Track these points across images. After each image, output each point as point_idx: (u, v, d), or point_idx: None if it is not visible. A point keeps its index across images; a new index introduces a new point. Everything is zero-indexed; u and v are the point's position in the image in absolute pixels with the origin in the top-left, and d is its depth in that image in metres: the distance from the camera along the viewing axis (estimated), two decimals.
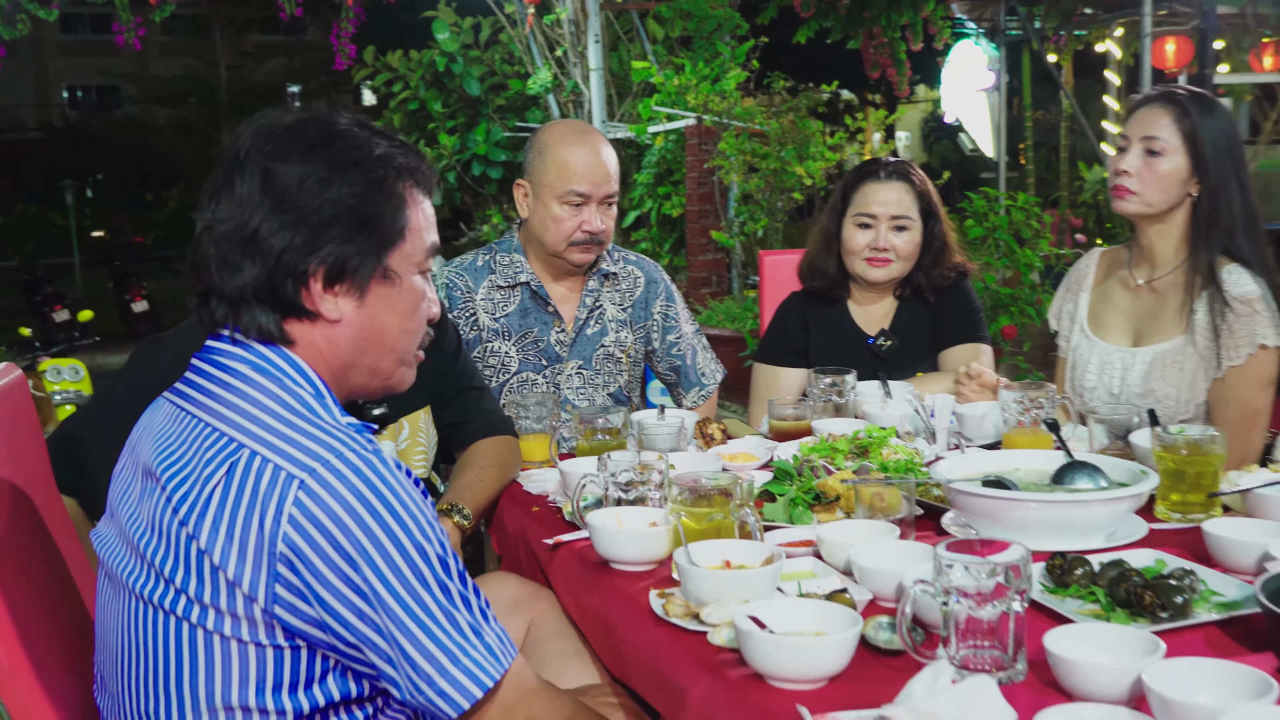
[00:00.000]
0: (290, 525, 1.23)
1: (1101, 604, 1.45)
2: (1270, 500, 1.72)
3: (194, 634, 1.28)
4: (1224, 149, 2.38)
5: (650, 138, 9.17)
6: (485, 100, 11.44)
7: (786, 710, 1.26)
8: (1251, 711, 1.08)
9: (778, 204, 7.24)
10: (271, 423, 1.30)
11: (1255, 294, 2.36)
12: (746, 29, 9.36)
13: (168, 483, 1.30)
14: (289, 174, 1.36)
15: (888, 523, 1.72)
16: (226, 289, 1.38)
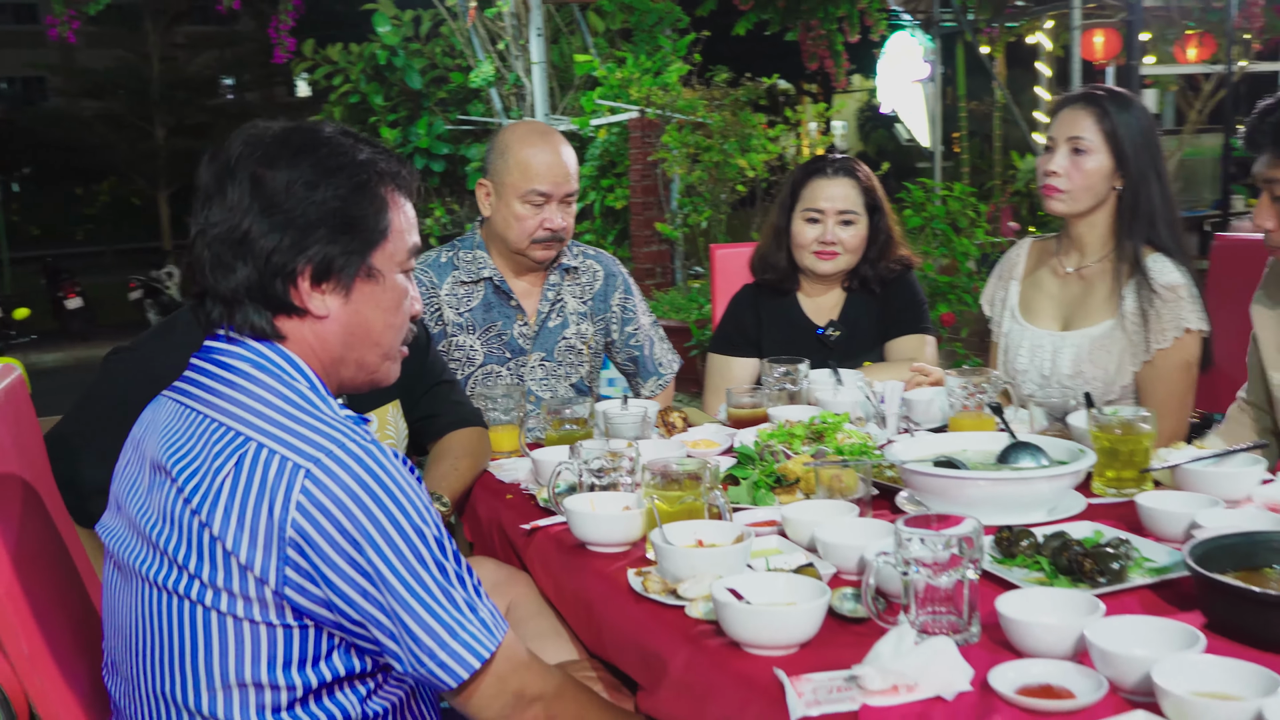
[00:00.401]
0: (298, 512, 1.32)
1: (1046, 572, 1.58)
2: (1196, 475, 1.87)
3: (208, 616, 1.36)
4: (1142, 144, 2.53)
5: (593, 131, 9.25)
6: (427, 93, 11.45)
7: (764, 674, 1.37)
8: (1181, 659, 1.21)
9: (721, 196, 7.37)
10: (275, 416, 1.39)
11: (1180, 281, 2.51)
12: (687, 22, 9.48)
13: (179, 475, 1.38)
14: (277, 179, 1.45)
15: (847, 502, 1.84)
16: (221, 289, 1.46)
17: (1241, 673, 1.19)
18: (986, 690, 1.27)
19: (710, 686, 1.43)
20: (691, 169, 7.31)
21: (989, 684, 1.27)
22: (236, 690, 1.37)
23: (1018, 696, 1.24)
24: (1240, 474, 1.84)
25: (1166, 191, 2.58)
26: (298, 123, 1.54)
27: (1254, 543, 1.51)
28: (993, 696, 1.26)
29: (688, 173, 7.33)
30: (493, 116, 10.73)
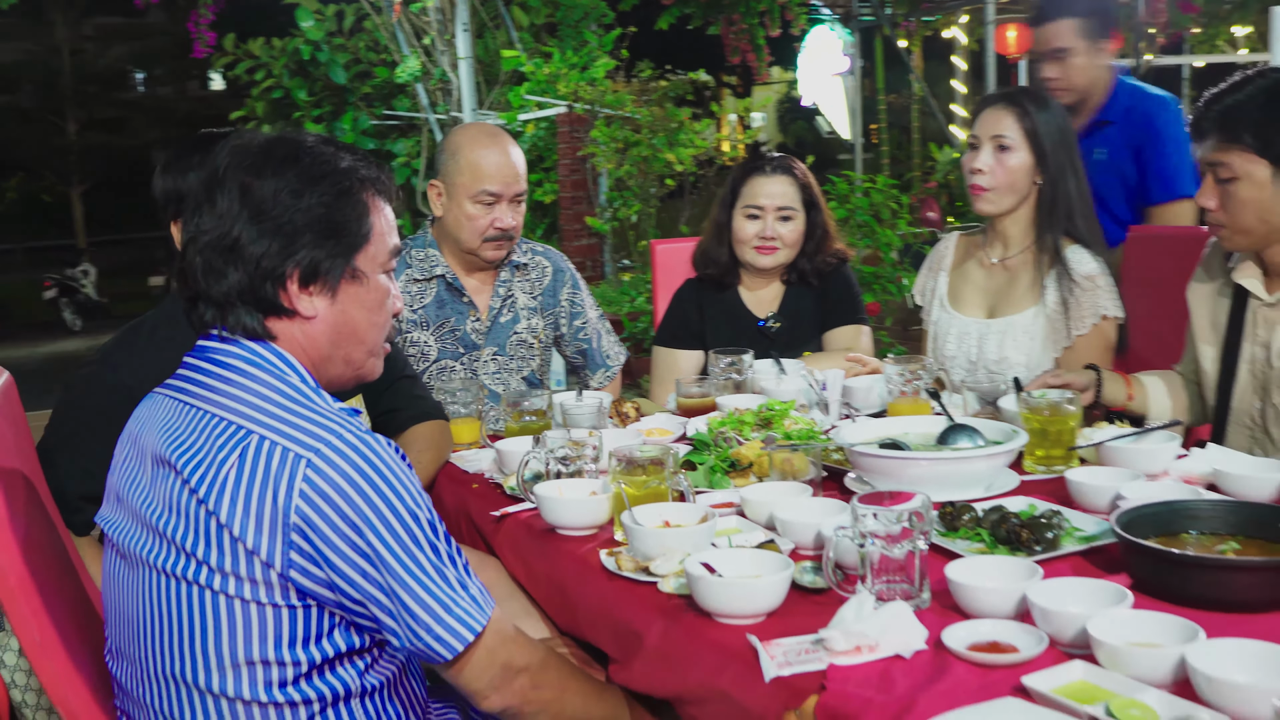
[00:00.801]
0: (301, 499, 1.41)
1: (986, 542, 1.72)
2: (1118, 451, 2.02)
3: (215, 599, 1.45)
4: (1059, 141, 2.70)
5: (521, 125, 9.32)
6: (351, 88, 11.41)
7: (736, 641, 1.49)
8: (1112, 614, 1.35)
9: (650, 190, 7.48)
10: (274, 410, 1.48)
11: (1097, 271, 2.68)
12: (613, 17, 9.58)
13: (183, 468, 1.47)
14: (264, 188, 1.54)
15: (800, 484, 1.97)
16: (213, 293, 1.55)
17: (1165, 624, 1.34)
18: (940, 648, 1.40)
19: (686, 654, 1.55)
20: (620, 163, 7.41)
21: (942, 642, 1.40)
22: (245, 668, 1.46)
23: (969, 652, 1.37)
24: (1158, 450, 2.00)
25: (1083, 185, 2.75)
26: (281, 134, 1.63)
27: (1172, 511, 1.66)
28: (946, 654, 1.39)
29: (616, 167, 7.43)
30: (418, 111, 10.73)
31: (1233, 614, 1.42)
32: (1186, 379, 2.54)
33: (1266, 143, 2.15)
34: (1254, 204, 2.18)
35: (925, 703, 1.27)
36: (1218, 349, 2.43)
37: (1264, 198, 2.17)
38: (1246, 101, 2.17)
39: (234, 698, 1.47)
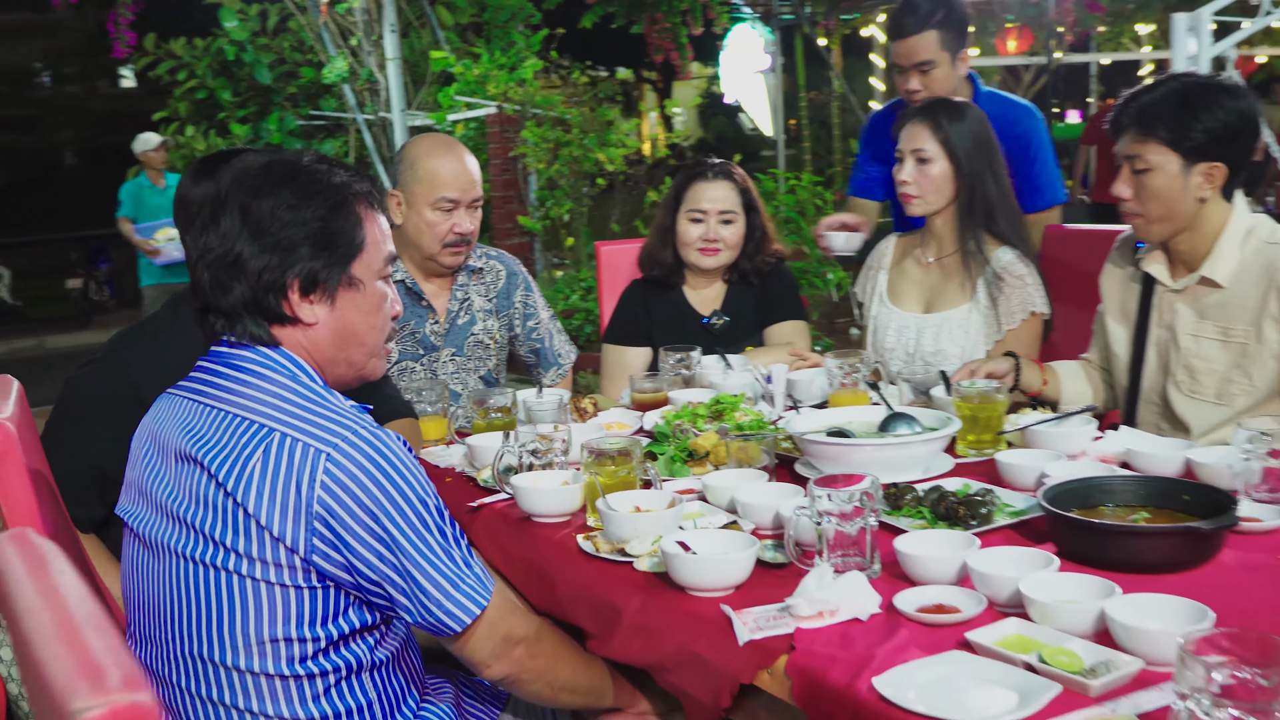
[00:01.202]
0: (323, 490, 1.56)
1: (928, 519, 1.91)
2: (1041, 434, 2.23)
3: (242, 583, 1.59)
4: (974, 148, 2.91)
5: (450, 126, 9.42)
6: (276, 88, 11.40)
7: (710, 611, 1.67)
8: (1041, 577, 1.55)
9: (582, 189, 7.65)
10: (292, 408, 1.62)
11: (1024, 270, 2.90)
12: (539, 18, 9.71)
13: (209, 463, 1.60)
14: (262, 207, 1.68)
15: (757, 470, 2.15)
16: (222, 305, 1.69)
17: (1087, 584, 1.53)
18: (892, 611, 1.59)
19: (664, 624, 1.72)
20: (551, 163, 7.56)
21: (894, 606, 1.59)
22: (269, 645, 1.60)
23: (917, 614, 1.56)
24: (1076, 433, 2.22)
25: (1004, 186, 2.96)
26: (279, 155, 1.77)
27: (1090, 487, 1.87)
28: (898, 616, 1.58)
29: (547, 166, 7.58)
30: (346, 111, 10.77)
31: (1144, 574, 1.62)
32: (1095, 366, 2.76)
33: (1178, 137, 2.37)
34: (1165, 193, 2.40)
35: (882, 657, 1.46)
36: (1129, 333, 2.66)
37: (1174, 188, 2.40)
38: (1161, 100, 2.40)
39: (258, 673, 1.61)
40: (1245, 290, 2.41)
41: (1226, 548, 1.70)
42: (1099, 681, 1.32)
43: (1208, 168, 2.37)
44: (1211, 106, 2.34)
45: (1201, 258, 2.47)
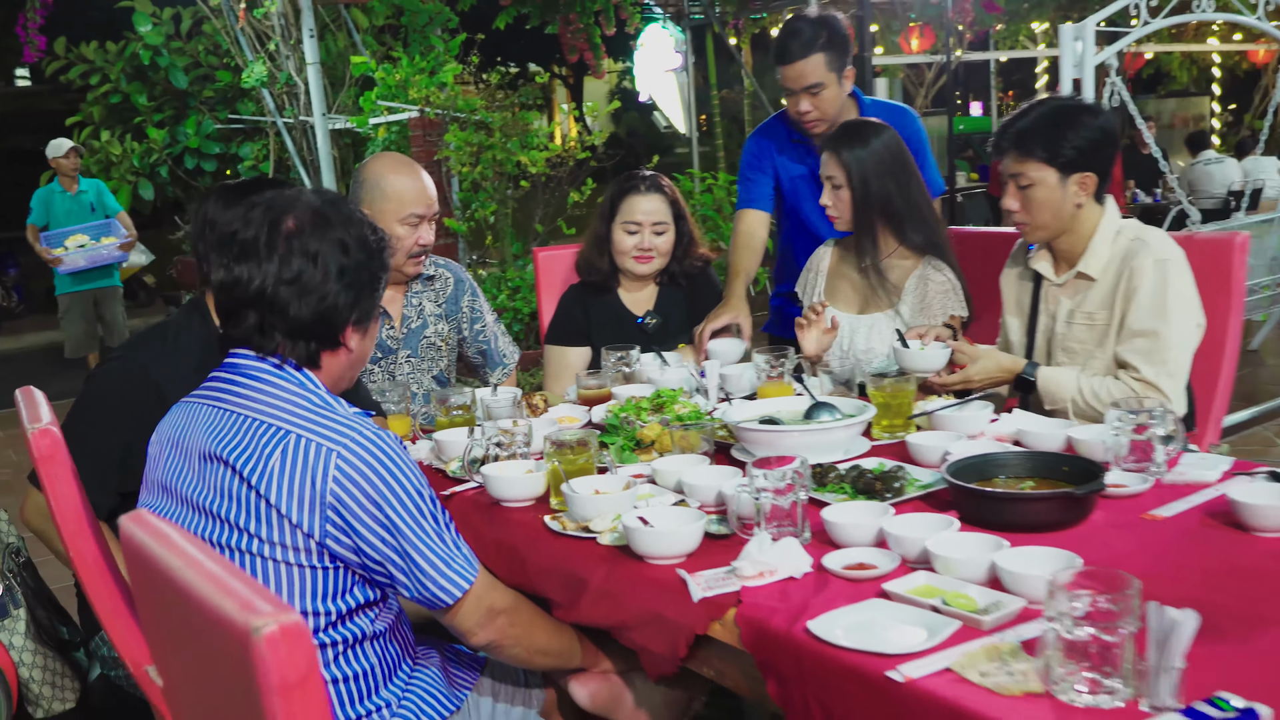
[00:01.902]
0: (334, 484, 1.82)
1: (849, 493, 2.22)
2: (945, 418, 2.56)
3: (265, 564, 1.84)
4: (874, 171, 3.20)
5: (372, 130, 9.57)
6: (192, 92, 11.45)
7: (668, 576, 1.95)
8: (943, 537, 1.86)
9: (507, 191, 7.88)
10: (306, 413, 1.88)
11: (947, 281, 3.22)
12: (456, 22, 9.91)
13: (234, 461, 1.85)
14: (343, 244, 1.94)
15: (699, 455, 2.44)
16: (291, 325, 1.92)
17: (981, 541, 1.85)
18: (821, 570, 1.89)
19: (627, 590, 2.00)
20: (474, 166, 7.78)
21: (824, 565, 1.89)
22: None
23: (843, 570, 1.86)
24: (976, 416, 2.54)
25: (912, 199, 3.26)
26: (333, 201, 1.99)
27: (986, 461, 2.19)
28: (826, 573, 1.88)
29: (471, 169, 7.80)
30: (265, 115, 10.85)
31: (1030, 534, 1.94)
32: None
33: (1053, 154, 2.71)
34: (1048, 204, 2.75)
35: (814, 607, 1.75)
36: (1022, 323, 3.01)
37: (1055, 198, 2.74)
38: (1034, 124, 2.74)
39: None
40: (1110, 280, 2.77)
41: (1098, 510, 2.04)
42: (990, 618, 1.64)
43: (1081, 177, 2.72)
44: (1077, 125, 2.69)
45: (1079, 255, 2.82)
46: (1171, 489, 2.13)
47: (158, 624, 1.38)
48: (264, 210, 1.95)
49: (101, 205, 9.14)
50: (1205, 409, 2.95)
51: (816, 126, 3.65)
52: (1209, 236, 3.08)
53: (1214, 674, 1.44)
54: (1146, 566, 1.79)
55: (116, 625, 1.90)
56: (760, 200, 3.86)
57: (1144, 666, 1.42)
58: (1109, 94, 5.10)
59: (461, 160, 7.83)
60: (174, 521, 1.92)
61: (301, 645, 1.01)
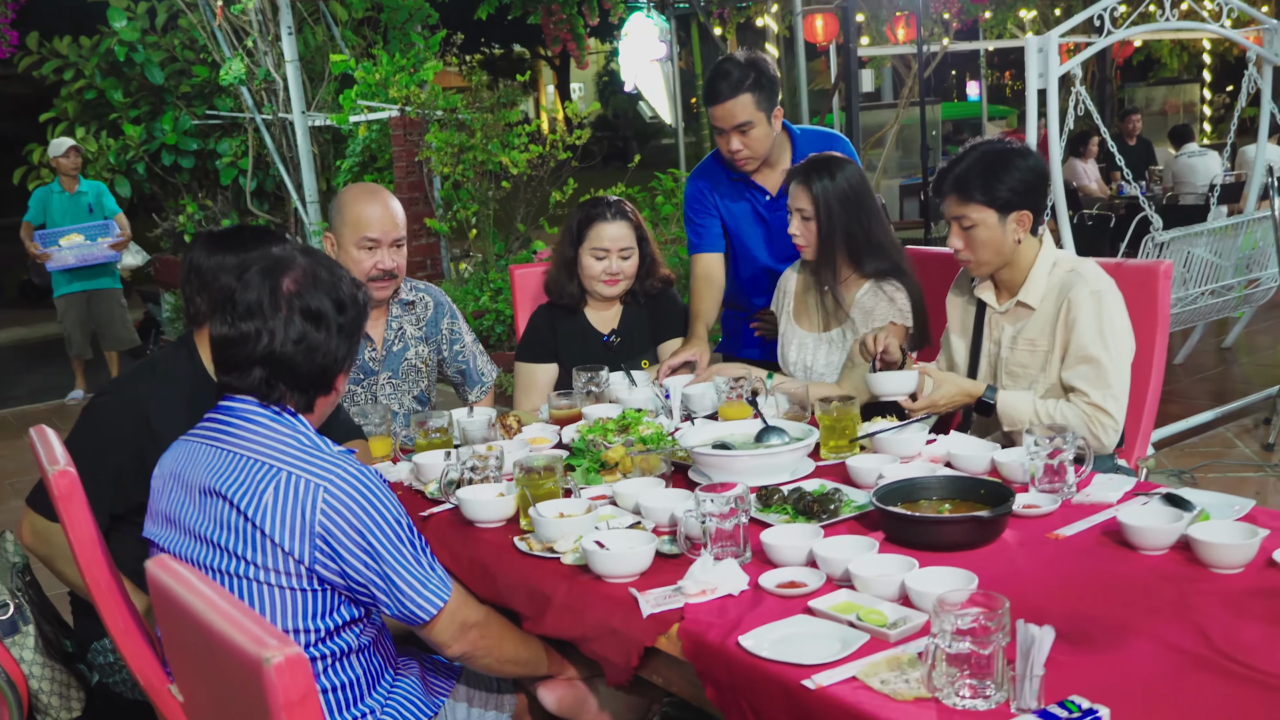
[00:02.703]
0: (322, 515, 2.13)
1: (790, 514, 2.54)
2: (884, 440, 2.88)
3: (259, 587, 2.15)
4: (838, 203, 3.53)
5: (353, 127, 9.87)
6: (169, 88, 11.70)
7: (621, 593, 2.27)
8: (864, 558, 2.18)
9: (489, 192, 8.20)
10: (295, 452, 2.19)
11: (892, 292, 3.55)
12: (437, 18, 10.20)
13: (231, 495, 2.16)
14: (328, 308, 2.27)
15: (657, 478, 2.76)
16: (299, 380, 2.25)
17: (896, 561, 2.17)
18: (758, 588, 2.21)
19: (585, 605, 2.32)
20: (456, 166, 8.10)
21: (759, 584, 2.21)
22: (287, 634, 2.17)
23: (775, 589, 2.18)
24: (912, 439, 2.86)
25: (872, 230, 3.58)
26: (321, 260, 2.33)
27: (912, 485, 2.51)
28: (761, 591, 2.19)
29: (452, 170, 8.11)
30: (243, 111, 11.12)
31: (947, 553, 2.26)
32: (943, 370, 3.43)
33: (991, 196, 3.04)
34: (990, 242, 3.07)
35: (748, 621, 2.07)
36: (966, 346, 3.33)
37: (995, 236, 3.07)
38: (969, 169, 3.06)
39: None
40: (1048, 309, 3.09)
41: (1010, 529, 2.36)
42: (896, 631, 1.95)
43: (1018, 215, 3.04)
44: (1009, 169, 3.01)
45: (1019, 285, 3.14)
46: (1078, 509, 2.45)
47: (181, 652, 1.69)
48: (260, 273, 2.26)
49: (100, 206, 9.35)
50: (1134, 424, 3.27)
51: (748, 164, 3.93)
52: (1137, 265, 3.40)
53: (1077, 678, 1.76)
54: (1041, 582, 2.12)
55: (129, 646, 2.21)
56: (711, 242, 4.14)
57: (1014, 674, 1.74)
58: (1074, 103, 5.42)
59: (443, 160, 8.13)
60: (177, 550, 2.24)
61: (302, 670, 1.32)
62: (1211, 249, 5.93)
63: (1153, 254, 5.66)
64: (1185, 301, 5.97)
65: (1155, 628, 1.91)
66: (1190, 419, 6.14)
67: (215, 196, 11.87)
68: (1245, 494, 4.73)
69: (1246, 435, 5.96)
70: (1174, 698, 1.70)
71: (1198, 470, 5.39)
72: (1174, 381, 7.17)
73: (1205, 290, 6.01)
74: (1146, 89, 15.42)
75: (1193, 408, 6.37)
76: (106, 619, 2.19)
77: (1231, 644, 1.83)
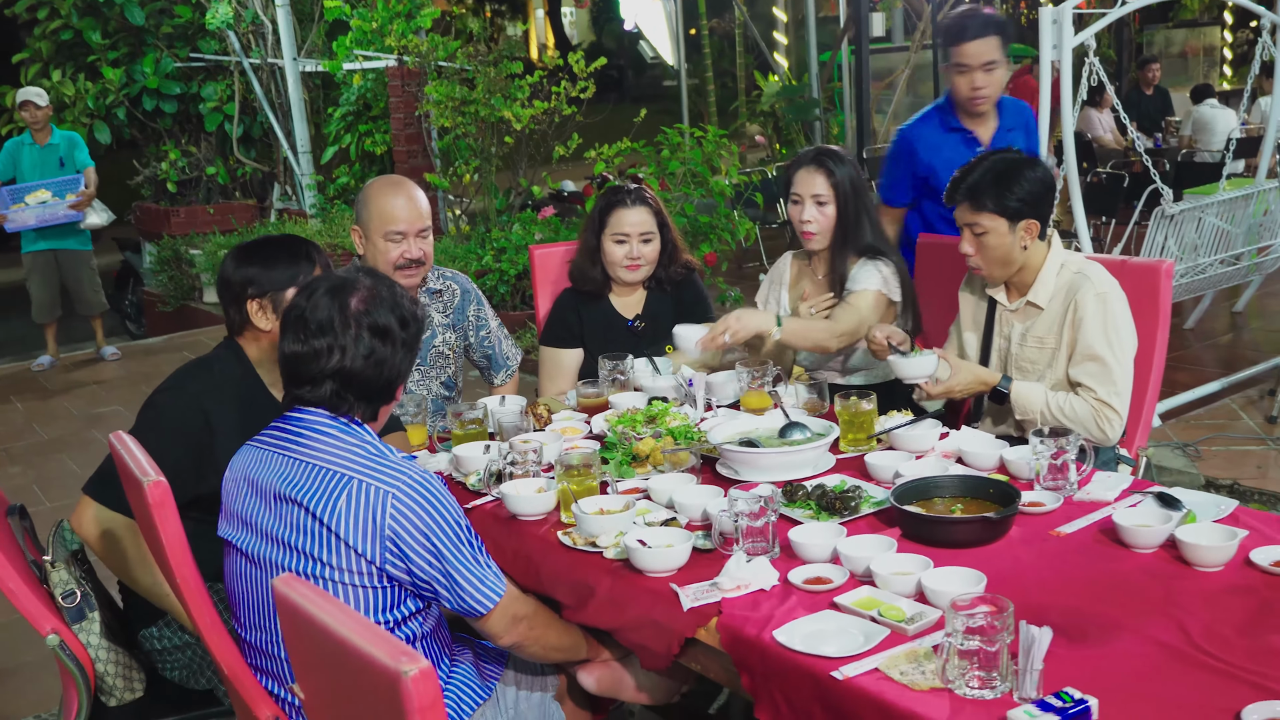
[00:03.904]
0: (391, 519, 2.50)
1: (814, 510, 2.92)
2: (900, 436, 3.26)
3: (331, 585, 2.52)
4: (851, 191, 3.95)
5: (347, 76, 10.14)
6: (149, 29, 11.90)
7: (662, 588, 2.64)
8: (882, 556, 2.56)
9: (491, 149, 8.51)
10: (365, 461, 2.55)
11: (883, 264, 3.93)
12: None
13: (306, 502, 2.52)
14: (394, 326, 2.64)
15: (688, 473, 3.13)
16: (365, 392, 2.63)
17: (912, 560, 2.55)
18: (786, 583, 2.59)
19: (627, 598, 2.70)
20: (456, 122, 8.39)
21: (788, 580, 2.59)
22: None
23: (803, 585, 2.56)
24: (926, 434, 3.25)
25: (874, 217, 3.98)
26: (384, 281, 2.70)
27: (928, 484, 2.89)
28: (790, 586, 2.57)
29: (453, 125, 8.41)
30: (229, 55, 11.37)
31: (957, 549, 2.64)
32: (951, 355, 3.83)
33: (1002, 206, 3.39)
34: (1000, 249, 3.44)
35: (779, 616, 2.45)
36: (978, 340, 3.71)
37: (1005, 243, 3.43)
38: (981, 179, 3.41)
39: None
40: (1056, 309, 3.47)
41: (1016, 526, 2.74)
42: (913, 626, 2.34)
43: (1026, 224, 3.40)
44: (1019, 179, 3.37)
45: (1029, 286, 3.51)
46: (1079, 506, 2.84)
47: (308, 658, 2.06)
48: (328, 293, 2.62)
49: (71, 159, 9.46)
50: (1136, 415, 3.66)
51: (983, 105, 4.53)
52: (1140, 264, 3.77)
53: (1071, 672, 2.15)
54: (1042, 579, 2.51)
55: (216, 640, 2.59)
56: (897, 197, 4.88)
57: (1016, 668, 2.13)
58: (1088, 73, 5.75)
59: (443, 115, 8.42)
60: (252, 551, 2.61)
61: (431, 680, 1.69)
62: (1222, 216, 6.29)
63: (1162, 228, 6.03)
64: (1195, 270, 6.34)
65: (1142, 624, 2.30)
66: (1197, 390, 6.55)
67: (199, 143, 12.13)
68: (1247, 468, 5.17)
69: (1251, 407, 6.37)
70: (1155, 690, 2.09)
71: (1202, 443, 5.79)
72: (1183, 347, 7.59)
73: (1216, 259, 6.38)
74: (1166, 31, 15.68)
75: (1202, 376, 6.79)
76: (195, 616, 2.57)
77: (1208, 639, 2.22)
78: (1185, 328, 7.94)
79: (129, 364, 9.84)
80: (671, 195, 8.07)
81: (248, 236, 10.91)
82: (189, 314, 11.45)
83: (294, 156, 11.14)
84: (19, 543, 3.07)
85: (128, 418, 8.23)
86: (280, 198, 11.99)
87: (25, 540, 3.13)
